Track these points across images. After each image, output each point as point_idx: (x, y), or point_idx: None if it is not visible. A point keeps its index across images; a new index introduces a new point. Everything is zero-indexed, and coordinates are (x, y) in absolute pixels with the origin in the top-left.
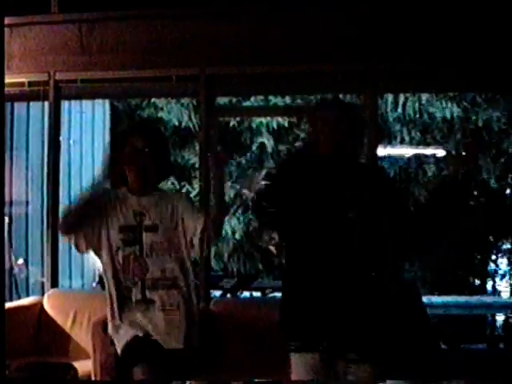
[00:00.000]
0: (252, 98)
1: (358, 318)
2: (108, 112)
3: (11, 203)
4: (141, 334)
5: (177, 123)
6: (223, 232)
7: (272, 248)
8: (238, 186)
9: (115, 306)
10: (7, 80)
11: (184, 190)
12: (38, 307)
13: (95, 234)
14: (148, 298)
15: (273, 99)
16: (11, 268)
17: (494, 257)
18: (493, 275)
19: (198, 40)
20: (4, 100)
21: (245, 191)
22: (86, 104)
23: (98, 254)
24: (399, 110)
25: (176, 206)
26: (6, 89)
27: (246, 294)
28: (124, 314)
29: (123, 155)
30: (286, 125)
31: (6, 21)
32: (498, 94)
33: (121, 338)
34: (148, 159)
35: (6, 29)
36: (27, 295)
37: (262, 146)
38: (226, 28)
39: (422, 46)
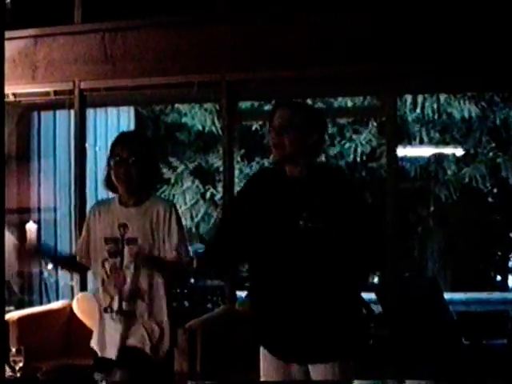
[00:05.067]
0: (273, 102)
1: (310, 324)
2: (133, 118)
3: (40, 209)
4: (117, 347)
5: (200, 128)
6: None
7: None
8: None
9: (101, 315)
10: (33, 90)
11: (208, 194)
12: (68, 310)
13: (84, 248)
14: (124, 309)
15: None
16: (41, 272)
17: None
18: None
19: (218, 46)
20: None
21: None
22: (111, 111)
23: (87, 264)
24: (418, 110)
25: (158, 219)
26: (33, 98)
27: None
28: (107, 324)
29: (111, 167)
30: None
31: (32, 32)
32: None
33: (102, 348)
34: (133, 170)
35: (31, 39)
36: (57, 299)
37: None
38: (246, 33)
39: (439, 46)
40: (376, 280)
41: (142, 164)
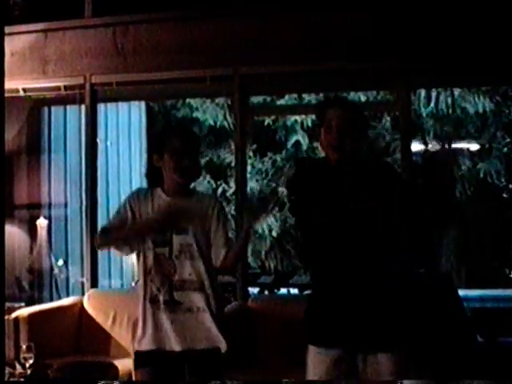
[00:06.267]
0: (286, 97)
1: (373, 313)
2: (144, 113)
3: (50, 205)
4: (157, 347)
5: (212, 123)
6: (260, 229)
7: None
8: (273, 184)
9: (144, 306)
10: (44, 84)
11: (220, 189)
12: (79, 307)
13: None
14: (175, 299)
15: (306, 97)
16: (51, 269)
17: None
18: None
19: (231, 40)
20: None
21: (281, 189)
22: (122, 106)
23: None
24: (432, 105)
25: (207, 212)
26: (43, 93)
27: (284, 290)
28: (151, 315)
29: (165, 157)
30: None
31: (42, 26)
32: None
33: (142, 344)
34: (190, 161)
35: (41, 34)
36: (68, 295)
37: (297, 143)
38: (259, 28)
39: (454, 41)
40: None
41: (195, 156)
